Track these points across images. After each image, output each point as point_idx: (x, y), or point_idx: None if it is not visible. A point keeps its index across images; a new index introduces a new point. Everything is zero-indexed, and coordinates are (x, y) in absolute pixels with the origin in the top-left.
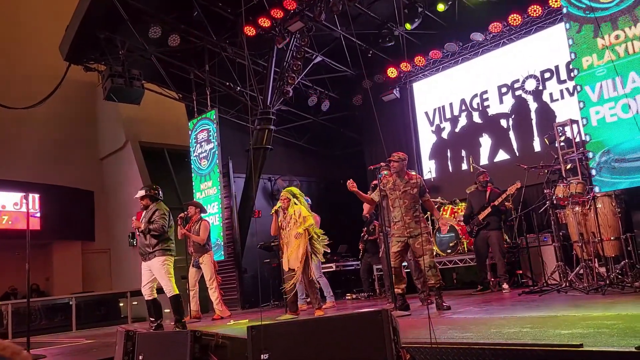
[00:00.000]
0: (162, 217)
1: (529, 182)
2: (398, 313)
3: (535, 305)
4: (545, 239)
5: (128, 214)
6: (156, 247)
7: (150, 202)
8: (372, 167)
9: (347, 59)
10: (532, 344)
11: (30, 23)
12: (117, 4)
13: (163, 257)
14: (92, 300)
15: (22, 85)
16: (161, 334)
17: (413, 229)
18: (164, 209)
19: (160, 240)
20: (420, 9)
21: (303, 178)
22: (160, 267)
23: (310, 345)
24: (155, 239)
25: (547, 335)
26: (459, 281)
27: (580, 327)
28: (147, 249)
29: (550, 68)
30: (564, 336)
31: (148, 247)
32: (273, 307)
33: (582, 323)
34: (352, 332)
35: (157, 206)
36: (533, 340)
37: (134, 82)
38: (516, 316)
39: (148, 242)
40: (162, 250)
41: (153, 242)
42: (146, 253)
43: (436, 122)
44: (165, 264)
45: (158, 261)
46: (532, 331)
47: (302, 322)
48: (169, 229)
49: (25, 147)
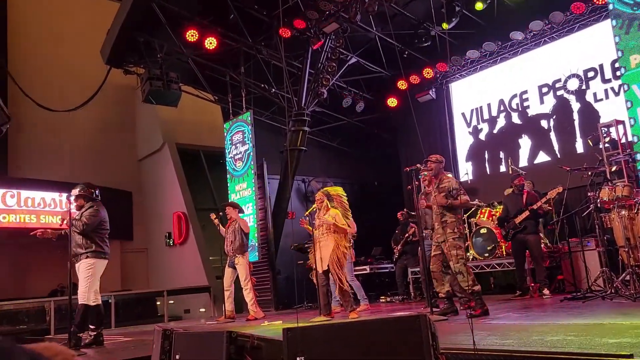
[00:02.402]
0: (92, 216)
1: (571, 185)
2: (435, 318)
3: (579, 312)
4: (589, 243)
5: (165, 214)
6: (88, 248)
7: (84, 202)
8: (408, 168)
9: (382, 59)
10: (579, 353)
11: (72, 29)
12: (156, 8)
13: (92, 261)
14: (130, 299)
15: (64, 88)
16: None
17: (440, 234)
18: (97, 209)
19: (94, 241)
20: (458, 8)
21: (337, 179)
22: (84, 270)
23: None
24: (88, 239)
25: (594, 344)
26: (496, 285)
27: (628, 336)
28: (78, 250)
29: (594, 67)
30: (611, 345)
31: (80, 247)
32: (307, 308)
33: (631, 332)
34: (389, 336)
35: (90, 205)
36: (579, 349)
37: (172, 85)
38: (559, 323)
39: (81, 242)
40: (94, 252)
41: (86, 242)
42: (77, 254)
43: (473, 123)
44: (90, 268)
45: (85, 264)
46: (577, 339)
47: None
48: (104, 230)
49: (68, 149)
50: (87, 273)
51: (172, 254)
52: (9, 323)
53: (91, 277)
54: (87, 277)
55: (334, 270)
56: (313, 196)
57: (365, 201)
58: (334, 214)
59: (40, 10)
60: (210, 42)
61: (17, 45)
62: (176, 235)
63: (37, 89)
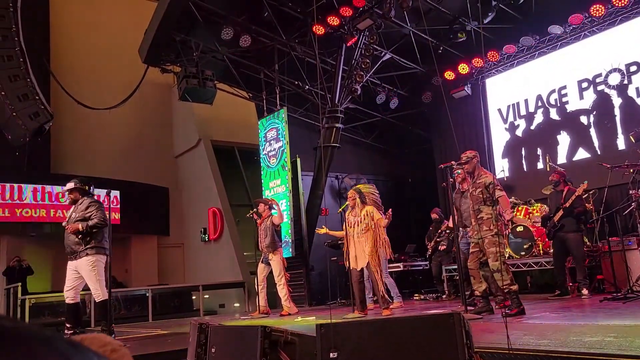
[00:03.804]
0: (99, 208)
1: (612, 182)
2: (469, 316)
3: (619, 313)
4: (630, 242)
5: (200, 210)
6: (88, 245)
7: (80, 195)
8: (443, 165)
9: (416, 55)
10: (618, 355)
11: (111, 28)
12: (192, 7)
13: (94, 258)
14: (166, 293)
15: (104, 87)
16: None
17: (477, 231)
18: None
19: (93, 237)
20: (494, 2)
21: (370, 176)
22: (89, 269)
23: (380, 346)
24: (88, 235)
25: (634, 345)
26: (533, 284)
27: None
28: (76, 247)
29: (636, 61)
30: None
31: (77, 245)
32: (340, 305)
33: None
34: (423, 334)
35: (89, 199)
36: (619, 351)
37: (207, 83)
38: (598, 324)
39: (78, 239)
40: (94, 248)
41: (86, 239)
42: (74, 252)
43: (510, 119)
44: (95, 265)
45: (87, 261)
46: (617, 341)
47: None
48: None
49: (107, 146)
50: (93, 271)
51: (207, 250)
52: (50, 315)
53: (98, 274)
54: (95, 276)
55: (375, 268)
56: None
57: (399, 198)
58: (370, 211)
59: (81, 10)
60: (245, 39)
61: (58, 44)
62: (211, 231)
63: (77, 87)
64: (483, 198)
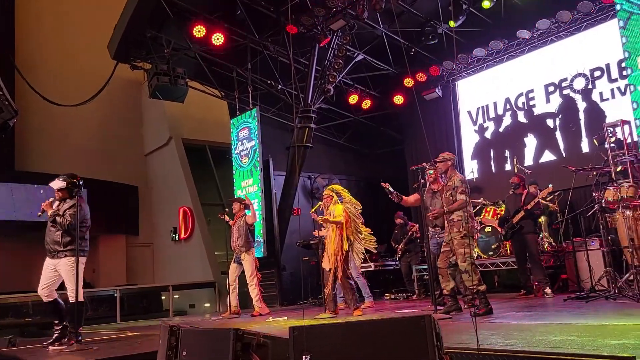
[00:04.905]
0: (73, 215)
1: (576, 184)
2: (439, 316)
3: (582, 312)
4: (593, 243)
5: (171, 209)
6: (68, 246)
7: (68, 195)
8: (414, 167)
9: (388, 57)
10: (582, 355)
11: (79, 23)
12: (164, 3)
13: (73, 259)
14: (135, 293)
15: (71, 83)
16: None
17: (447, 233)
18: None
19: (74, 239)
20: (465, 6)
21: (343, 176)
22: (68, 269)
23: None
24: (68, 236)
25: (596, 345)
26: (500, 284)
27: (631, 338)
28: (56, 247)
29: (600, 66)
30: (614, 347)
31: (58, 245)
32: (311, 304)
33: (634, 333)
34: (395, 336)
35: (73, 202)
36: (582, 350)
37: (179, 81)
38: (562, 323)
39: (59, 239)
40: (73, 251)
41: (66, 240)
42: (54, 251)
43: (479, 121)
44: (73, 267)
45: (66, 263)
46: (580, 340)
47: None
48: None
49: (74, 143)
50: (72, 271)
51: (177, 249)
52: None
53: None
54: (73, 275)
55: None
56: (319, 193)
57: (371, 198)
58: (331, 210)
59: (47, 5)
60: (218, 38)
61: (24, 40)
62: (182, 230)
63: (43, 83)
64: (453, 201)
